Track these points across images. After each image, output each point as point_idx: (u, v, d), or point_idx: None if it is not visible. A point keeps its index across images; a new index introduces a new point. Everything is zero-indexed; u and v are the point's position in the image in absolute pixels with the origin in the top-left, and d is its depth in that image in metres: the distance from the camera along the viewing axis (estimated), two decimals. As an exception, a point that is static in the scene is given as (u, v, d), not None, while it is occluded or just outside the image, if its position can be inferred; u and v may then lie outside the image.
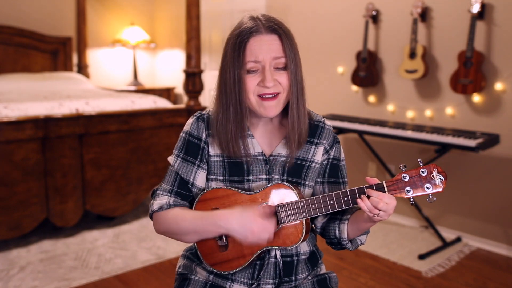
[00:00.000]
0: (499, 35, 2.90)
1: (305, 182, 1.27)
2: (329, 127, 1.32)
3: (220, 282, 1.28)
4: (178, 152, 1.28)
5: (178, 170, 1.27)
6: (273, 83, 1.16)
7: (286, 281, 1.28)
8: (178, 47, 5.44)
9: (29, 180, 2.84)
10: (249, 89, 1.17)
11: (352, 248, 1.26)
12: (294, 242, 1.17)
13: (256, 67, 1.16)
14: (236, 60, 1.16)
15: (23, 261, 2.75)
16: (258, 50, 1.15)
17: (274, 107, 1.18)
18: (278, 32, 1.17)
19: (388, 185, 1.12)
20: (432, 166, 1.11)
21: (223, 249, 1.21)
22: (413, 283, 2.58)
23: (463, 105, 3.11)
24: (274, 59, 1.16)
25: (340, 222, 1.24)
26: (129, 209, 3.31)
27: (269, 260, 1.25)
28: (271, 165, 1.25)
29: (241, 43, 1.16)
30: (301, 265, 1.30)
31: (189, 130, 1.28)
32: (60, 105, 3.08)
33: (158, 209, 1.24)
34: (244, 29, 1.17)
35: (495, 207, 3.02)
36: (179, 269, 1.38)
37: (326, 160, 1.30)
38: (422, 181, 1.11)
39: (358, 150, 3.72)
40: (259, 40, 1.16)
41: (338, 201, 1.14)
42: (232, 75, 1.17)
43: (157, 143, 3.36)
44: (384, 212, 1.10)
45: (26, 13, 4.71)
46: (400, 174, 1.12)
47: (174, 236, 1.24)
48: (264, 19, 1.19)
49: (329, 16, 3.85)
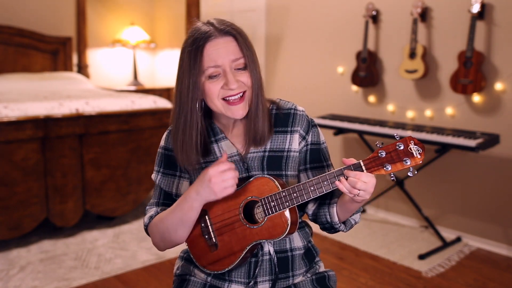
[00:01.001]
0: (499, 35, 2.90)
1: (286, 173, 1.26)
2: (301, 112, 1.29)
3: (218, 283, 1.28)
4: (158, 168, 1.32)
5: (161, 185, 1.31)
6: (237, 84, 1.16)
7: (283, 277, 1.28)
8: (178, 47, 5.42)
9: (29, 180, 2.84)
10: (213, 94, 1.17)
11: (347, 229, 1.25)
12: (281, 233, 1.16)
13: (217, 72, 1.16)
14: (193, 67, 1.15)
15: (23, 261, 2.75)
16: (216, 54, 1.14)
17: (242, 109, 1.18)
18: (232, 33, 1.17)
19: (365, 164, 1.10)
20: (409, 139, 1.08)
21: (213, 249, 1.22)
22: (413, 283, 2.58)
23: (463, 105, 3.11)
24: (233, 61, 1.16)
25: (329, 207, 1.24)
26: (129, 209, 3.31)
27: (263, 257, 1.25)
28: (249, 163, 1.25)
29: (197, 50, 1.15)
30: (298, 260, 1.30)
31: (164, 144, 1.31)
32: (60, 105, 3.08)
33: (148, 221, 1.28)
34: (199, 35, 1.16)
35: (495, 207, 3.02)
36: (177, 271, 1.38)
37: (305, 146, 1.28)
38: (400, 155, 1.08)
39: (358, 150, 3.72)
40: (215, 44, 1.15)
41: (318, 186, 1.12)
42: (187, 84, 1.16)
43: (157, 143, 3.36)
44: (364, 191, 1.08)
45: (26, 13, 4.71)
46: (377, 151, 1.09)
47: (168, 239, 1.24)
48: (217, 22, 1.18)
49: (329, 16, 3.85)
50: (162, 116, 3.35)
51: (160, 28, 5.71)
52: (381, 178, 3.61)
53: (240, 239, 1.19)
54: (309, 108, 1.24)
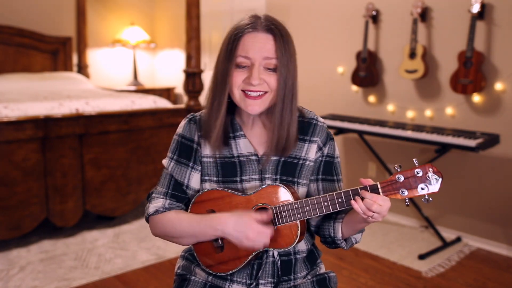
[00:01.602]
0: (499, 35, 2.90)
1: (299, 181, 1.26)
2: (322, 124, 1.30)
3: (219, 283, 1.28)
4: (172, 155, 1.29)
5: (172, 173, 1.27)
6: (259, 81, 1.15)
7: (285, 280, 1.27)
8: (178, 47, 5.44)
9: (29, 180, 2.84)
10: (234, 83, 1.17)
11: (347, 247, 1.26)
12: (289, 243, 1.17)
13: (245, 63, 1.16)
14: (228, 53, 1.16)
15: (23, 261, 2.75)
16: (251, 46, 1.15)
17: (257, 106, 1.18)
18: (274, 32, 1.16)
19: (382, 186, 1.10)
20: (428, 166, 1.08)
21: (219, 251, 1.22)
22: (413, 283, 2.58)
23: (463, 105, 3.11)
24: (265, 59, 1.15)
25: (334, 222, 1.24)
26: (129, 209, 3.31)
27: (267, 259, 1.25)
28: (264, 165, 1.24)
29: (235, 37, 1.16)
30: (300, 264, 1.29)
31: (181, 132, 1.28)
32: (60, 105, 3.08)
33: (154, 212, 1.25)
34: (241, 25, 1.17)
35: (495, 207, 3.02)
36: (178, 270, 1.38)
37: (320, 157, 1.29)
38: (417, 182, 1.08)
39: (358, 150, 3.72)
40: (254, 37, 1.15)
41: (333, 202, 1.13)
42: (221, 69, 1.18)
43: (157, 143, 3.36)
44: (378, 214, 1.08)
45: (26, 13, 4.71)
46: (395, 175, 1.10)
47: (171, 239, 1.25)
48: (264, 18, 1.18)
49: (329, 16, 3.85)
50: (162, 116, 3.35)
51: (160, 28, 5.71)
52: (382, 178, 3.61)
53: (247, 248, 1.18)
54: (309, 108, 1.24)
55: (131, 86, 5.29)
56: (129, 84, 5.40)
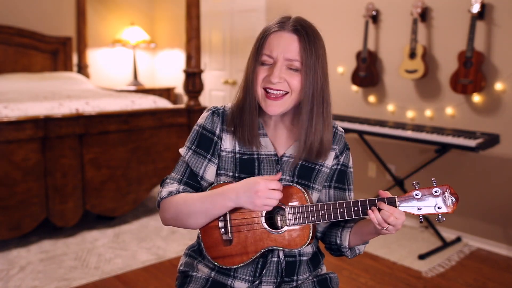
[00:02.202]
0: (499, 35, 2.90)
1: (313, 186, 1.27)
2: (341, 133, 1.32)
3: (221, 278, 1.27)
4: (190, 144, 1.28)
5: (189, 162, 1.26)
6: (279, 80, 1.15)
7: (288, 280, 1.28)
8: (178, 47, 5.44)
9: (29, 180, 2.84)
10: (257, 79, 1.18)
11: (351, 256, 1.27)
12: (299, 245, 1.17)
13: (269, 61, 1.17)
14: (255, 52, 1.19)
15: (23, 261, 2.75)
16: (275, 45, 1.16)
17: (277, 107, 1.18)
18: (300, 33, 1.16)
19: (399, 200, 1.13)
20: (445, 187, 1.12)
21: (227, 244, 1.21)
22: (413, 283, 2.58)
23: (463, 105, 3.11)
24: (288, 59, 1.16)
25: (342, 229, 1.25)
26: (129, 209, 3.31)
27: (272, 258, 1.25)
28: (282, 166, 1.25)
29: (263, 36, 1.19)
30: (303, 265, 1.30)
31: (203, 123, 1.27)
32: (60, 105, 3.08)
33: (167, 195, 1.23)
34: (270, 25, 1.20)
35: (495, 207, 3.02)
36: (181, 267, 1.38)
37: (336, 165, 1.30)
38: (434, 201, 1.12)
39: (358, 150, 3.72)
40: (279, 36, 1.17)
41: (348, 210, 1.14)
42: (251, 67, 1.20)
43: (157, 143, 3.36)
44: (393, 226, 1.10)
45: (26, 13, 4.71)
46: (413, 191, 1.13)
47: (181, 220, 1.22)
48: (293, 19, 1.20)
49: (329, 16, 3.85)
50: (162, 116, 3.35)
51: (160, 28, 5.71)
52: (382, 178, 3.61)
53: (256, 241, 1.18)
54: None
55: (131, 86, 5.29)
56: (129, 84, 5.40)
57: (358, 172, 3.71)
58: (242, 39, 4.68)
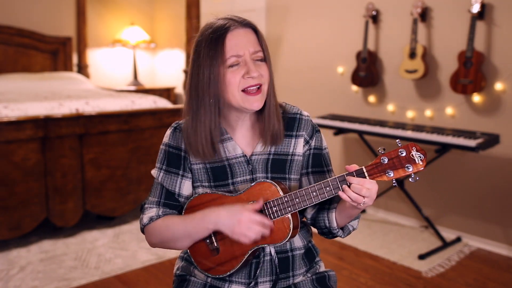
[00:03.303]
0: (499, 35, 2.90)
1: (290, 177, 1.27)
2: (306, 117, 1.30)
3: (218, 283, 1.28)
4: (160, 165, 1.28)
5: (163, 183, 1.27)
6: (257, 73, 1.16)
7: (284, 277, 1.28)
8: (178, 47, 5.44)
9: (29, 180, 2.84)
10: (233, 84, 1.16)
11: (344, 235, 1.26)
12: (283, 237, 1.17)
13: (237, 61, 1.16)
14: (214, 58, 1.15)
15: (23, 261, 2.75)
16: (238, 44, 1.16)
17: (260, 101, 1.19)
18: (252, 26, 1.19)
19: (368, 170, 1.11)
20: (411, 145, 1.09)
21: (215, 253, 1.22)
22: (413, 283, 2.58)
23: (463, 105, 3.11)
24: (253, 53, 1.17)
25: (328, 212, 1.24)
26: (129, 209, 3.31)
27: (264, 257, 1.25)
28: (254, 165, 1.25)
29: (217, 40, 1.15)
30: (298, 260, 1.30)
31: (168, 141, 1.28)
32: (60, 105, 3.08)
33: (148, 221, 1.25)
34: (218, 27, 1.17)
35: (495, 207, 3.02)
36: (177, 271, 1.38)
37: (308, 150, 1.29)
38: (402, 162, 1.09)
39: (358, 150, 3.72)
40: (237, 34, 1.16)
41: (321, 191, 1.13)
42: (207, 75, 1.15)
43: (157, 143, 3.36)
44: (368, 197, 1.09)
45: (26, 13, 4.71)
46: (379, 157, 1.10)
47: (168, 244, 1.24)
48: (234, 17, 1.20)
49: (329, 16, 3.85)
50: (162, 116, 3.35)
51: (160, 28, 5.71)
52: (381, 178, 3.60)
53: (241, 244, 1.18)
54: (309, 108, 1.25)
55: (131, 86, 5.29)
56: (129, 84, 5.40)
57: (358, 172, 3.70)
58: (242, 39, 4.67)
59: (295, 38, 4.15)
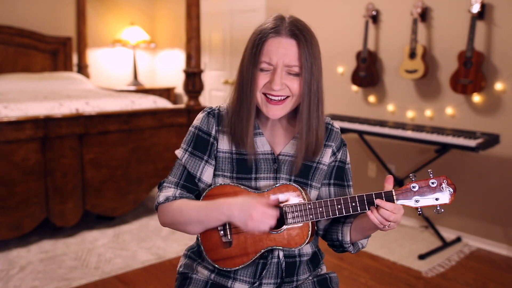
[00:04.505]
0: (499, 35, 2.90)
1: (312, 183, 1.27)
2: (337, 129, 1.32)
3: (221, 280, 1.27)
4: (187, 146, 1.27)
5: (186, 164, 1.26)
6: (281, 87, 1.15)
7: (288, 281, 1.28)
8: (178, 47, 5.44)
9: (29, 180, 2.84)
10: (257, 85, 1.17)
11: (354, 251, 1.27)
12: (299, 244, 1.17)
13: (269, 68, 1.16)
14: (253, 57, 1.16)
15: (23, 261, 2.75)
16: (274, 52, 1.14)
17: (279, 111, 1.18)
18: (298, 37, 1.15)
19: (397, 194, 1.12)
20: (442, 178, 1.12)
21: (227, 246, 1.21)
22: (413, 283, 2.58)
23: (463, 105, 3.11)
24: (287, 66, 1.15)
25: (343, 225, 1.25)
26: (129, 209, 3.31)
27: (272, 260, 1.25)
28: (279, 164, 1.25)
29: (259, 42, 1.16)
30: (303, 266, 1.30)
31: (199, 124, 1.27)
32: (60, 105, 3.08)
33: (164, 200, 1.24)
34: (266, 28, 1.17)
35: (495, 207, 3.02)
36: (180, 268, 1.38)
37: (333, 162, 1.30)
38: (431, 192, 1.11)
39: (358, 150, 3.72)
40: (277, 42, 1.15)
41: (346, 206, 1.14)
42: (247, 72, 1.18)
43: (157, 143, 3.36)
44: (394, 222, 1.11)
45: (26, 13, 4.71)
46: (410, 184, 1.12)
47: (179, 227, 1.24)
48: (289, 22, 1.18)
49: (329, 16, 3.85)
50: (162, 116, 3.35)
51: (160, 28, 5.71)
52: (382, 178, 3.60)
53: (256, 242, 1.18)
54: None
55: (131, 86, 5.29)
56: (129, 84, 5.40)
57: (358, 172, 3.71)
58: (242, 39, 4.68)
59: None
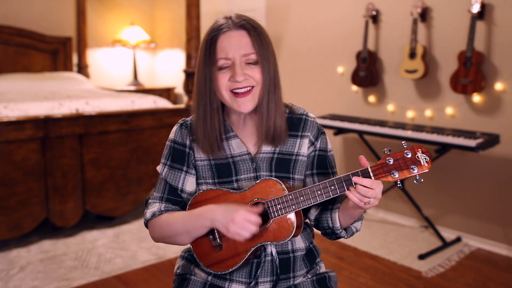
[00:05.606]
0: (499, 35, 2.90)
1: (293, 176, 1.27)
2: (312, 119, 1.32)
3: (218, 282, 1.28)
4: (165, 160, 1.31)
5: (166, 178, 1.30)
6: (243, 77, 1.17)
7: (284, 278, 1.28)
8: (178, 47, 5.44)
9: (29, 180, 2.84)
10: (221, 85, 1.18)
11: (348, 236, 1.26)
12: (286, 236, 1.17)
13: (227, 64, 1.18)
14: (208, 58, 1.18)
15: (23, 261, 2.75)
16: (228, 46, 1.17)
17: (248, 102, 1.19)
18: (246, 27, 1.18)
19: (373, 170, 1.11)
20: (416, 147, 1.10)
21: (217, 249, 1.22)
22: (413, 283, 2.58)
23: (463, 105, 3.11)
24: (244, 55, 1.17)
25: (331, 212, 1.24)
26: (129, 209, 3.31)
27: (265, 258, 1.25)
28: (258, 163, 1.26)
29: (211, 41, 1.18)
30: (299, 261, 1.30)
31: (173, 137, 1.30)
32: (60, 105, 3.08)
33: (151, 217, 1.27)
34: (215, 27, 1.20)
35: (495, 207, 3.02)
36: (178, 270, 1.38)
37: (313, 152, 1.30)
38: (408, 163, 1.10)
39: (358, 150, 3.72)
40: (228, 36, 1.18)
41: (325, 190, 1.14)
42: (203, 74, 1.20)
43: (157, 143, 3.36)
44: (374, 198, 1.10)
45: (26, 13, 4.71)
46: (385, 158, 1.11)
47: (169, 240, 1.26)
48: (235, 17, 1.21)
49: (329, 16, 3.85)
50: (162, 116, 3.35)
51: (160, 28, 5.71)
52: (381, 178, 3.60)
53: (245, 241, 1.18)
54: (309, 108, 1.25)
55: (131, 86, 5.29)
56: (129, 84, 5.40)
57: (358, 172, 3.70)
58: (242, 39, 4.67)
59: (295, 38, 4.15)
